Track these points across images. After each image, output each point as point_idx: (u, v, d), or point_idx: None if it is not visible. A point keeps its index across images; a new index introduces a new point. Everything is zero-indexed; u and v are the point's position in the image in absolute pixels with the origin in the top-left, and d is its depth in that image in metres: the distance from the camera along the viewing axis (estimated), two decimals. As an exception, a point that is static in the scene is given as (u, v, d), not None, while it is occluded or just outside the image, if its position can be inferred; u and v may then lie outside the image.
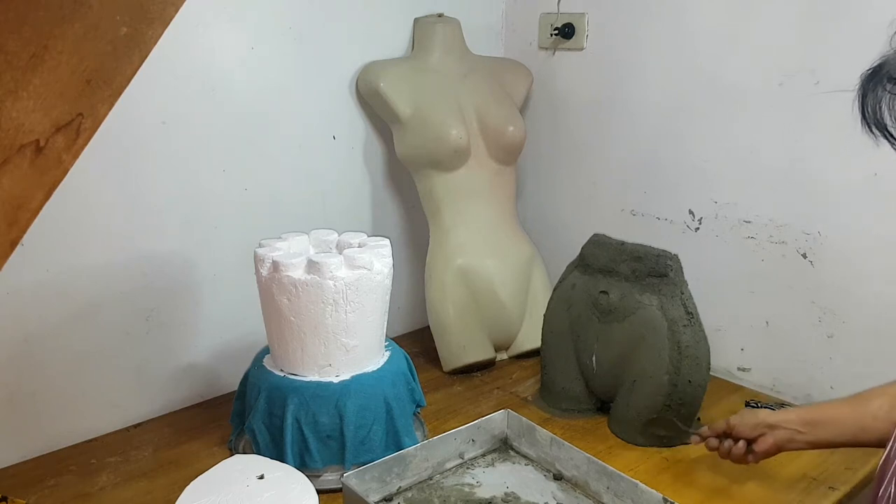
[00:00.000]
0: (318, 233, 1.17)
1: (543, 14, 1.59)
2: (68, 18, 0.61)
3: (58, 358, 1.16)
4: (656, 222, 1.49)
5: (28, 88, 0.61)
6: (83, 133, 0.65)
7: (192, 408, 1.31)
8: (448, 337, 1.42)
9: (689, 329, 1.16)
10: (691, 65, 1.38)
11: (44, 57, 0.61)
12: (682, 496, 1.03)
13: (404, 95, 1.40)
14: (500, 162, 1.49)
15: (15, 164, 0.62)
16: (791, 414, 1.00)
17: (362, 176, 1.51)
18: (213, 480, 0.87)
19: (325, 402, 1.04)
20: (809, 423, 0.97)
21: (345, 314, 1.04)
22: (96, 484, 1.09)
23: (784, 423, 0.98)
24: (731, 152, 1.35)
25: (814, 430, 0.96)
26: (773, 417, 1.00)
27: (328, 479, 1.06)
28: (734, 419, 1.04)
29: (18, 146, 0.62)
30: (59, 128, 0.64)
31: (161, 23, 0.67)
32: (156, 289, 1.25)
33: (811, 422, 0.97)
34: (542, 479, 1.09)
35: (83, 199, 1.13)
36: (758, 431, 1.00)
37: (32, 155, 0.63)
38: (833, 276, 1.26)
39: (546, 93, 1.63)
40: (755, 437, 1.01)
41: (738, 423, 1.02)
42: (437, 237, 1.45)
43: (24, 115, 0.61)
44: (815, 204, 1.26)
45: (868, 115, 0.70)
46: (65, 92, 0.63)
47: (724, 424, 1.05)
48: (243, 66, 1.27)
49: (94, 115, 0.66)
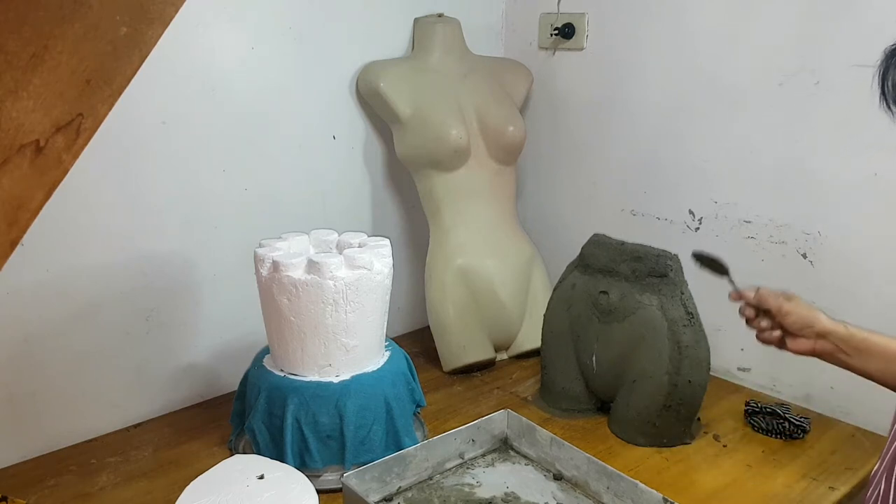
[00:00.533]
0: (318, 233, 1.17)
1: (543, 14, 1.59)
2: (68, 18, 0.61)
3: (58, 358, 1.16)
4: (656, 222, 1.49)
5: (28, 88, 0.61)
6: (83, 133, 0.65)
7: (192, 408, 1.31)
8: (448, 337, 1.42)
9: (689, 329, 1.16)
10: (691, 65, 1.38)
11: (44, 57, 0.61)
12: (682, 496, 1.03)
13: (404, 95, 1.40)
14: (500, 162, 1.49)
15: (15, 164, 0.62)
16: (844, 330, 0.94)
17: (362, 176, 1.51)
18: (213, 480, 0.87)
19: (325, 402, 1.04)
20: (858, 350, 0.92)
21: (345, 314, 1.04)
22: (96, 484, 1.09)
23: (835, 336, 0.94)
24: (730, 152, 1.35)
25: (859, 357, 0.92)
26: (827, 324, 0.95)
27: (328, 479, 1.06)
28: (787, 305, 0.97)
29: (18, 146, 0.62)
30: (59, 128, 0.64)
31: (161, 23, 0.67)
32: (156, 289, 1.25)
33: (861, 349, 0.92)
34: (542, 479, 1.09)
35: (83, 199, 1.13)
36: (804, 333, 0.96)
37: (32, 155, 0.63)
38: (833, 276, 1.26)
39: (546, 93, 1.63)
40: (797, 335, 0.97)
41: (790, 313, 0.97)
42: (437, 237, 1.45)
43: (24, 115, 0.61)
44: (815, 204, 1.26)
45: (888, 90, 0.69)
46: (65, 92, 0.63)
47: (773, 301, 0.98)
48: (243, 66, 1.27)
49: (94, 115, 0.66)
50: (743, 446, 1.19)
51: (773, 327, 0.99)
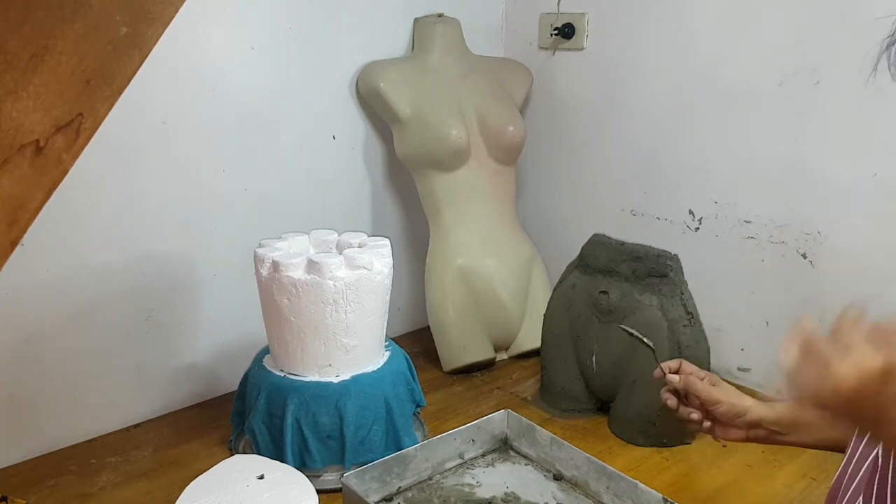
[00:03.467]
0: (318, 233, 1.17)
1: (543, 14, 1.59)
2: (68, 18, 0.61)
3: (58, 358, 1.16)
4: (656, 222, 1.49)
5: (28, 88, 0.61)
6: (83, 133, 0.66)
7: (192, 408, 1.31)
8: (448, 337, 1.42)
9: (689, 329, 1.16)
10: (691, 65, 1.38)
11: (44, 57, 0.61)
12: (682, 496, 1.03)
13: (404, 95, 1.40)
14: (500, 162, 1.49)
15: (15, 164, 0.63)
16: (773, 412, 0.91)
17: (362, 176, 1.51)
18: (213, 480, 0.87)
19: (325, 402, 1.04)
20: (792, 425, 0.90)
21: (345, 314, 1.04)
22: (96, 484, 1.09)
23: (767, 422, 0.91)
24: (730, 152, 1.35)
25: (796, 432, 0.90)
26: (758, 412, 0.91)
27: (328, 479, 1.06)
28: (716, 393, 0.94)
29: (18, 146, 0.62)
30: (59, 128, 0.64)
31: (161, 23, 0.67)
32: (156, 289, 1.25)
33: (795, 423, 0.90)
34: (542, 479, 1.09)
35: (83, 199, 1.13)
36: (735, 423, 0.93)
37: (32, 155, 0.63)
38: (833, 276, 1.26)
39: (546, 93, 1.63)
40: (728, 424, 0.94)
41: (720, 402, 0.93)
42: (437, 237, 1.45)
43: (24, 115, 0.61)
44: (815, 204, 1.26)
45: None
46: (65, 92, 0.63)
47: (702, 388, 0.94)
48: (243, 66, 1.27)
49: (94, 115, 0.66)
50: (743, 446, 1.18)
51: (703, 418, 0.96)
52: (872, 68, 0.70)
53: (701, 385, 0.96)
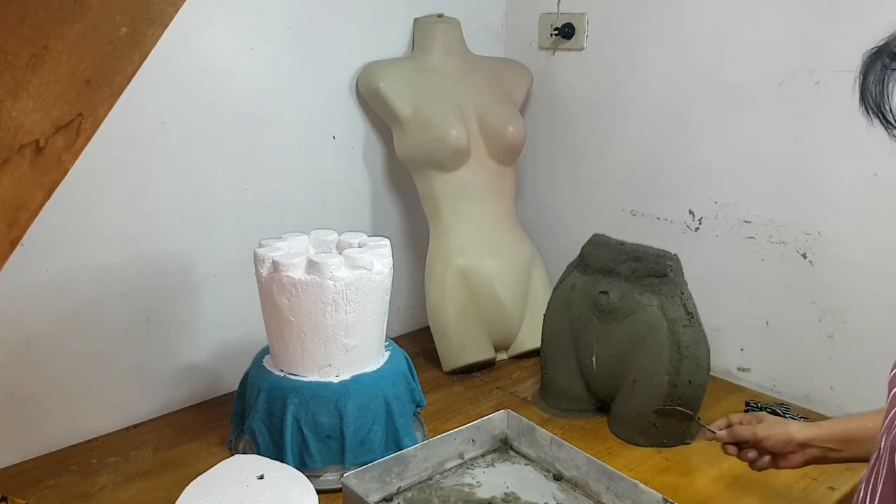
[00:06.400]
0: (318, 233, 1.17)
1: (543, 14, 1.59)
2: (68, 18, 0.61)
3: (58, 358, 1.16)
4: (656, 222, 1.49)
5: (28, 88, 0.61)
6: (83, 133, 0.65)
7: (192, 408, 1.31)
8: (448, 337, 1.42)
9: (689, 329, 1.16)
10: (691, 65, 1.38)
11: (44, 57, 0.61)
12: (681, 496, 1.03)
13: (404, 95, 1.40)
14: (500, 162, 1.49)
15: (15, 164, 0.62)
16: (821, 430, 0.93)
17: (362, 176, 1.51)
18: (213, 480, 0.87)
19: (325, 402, 1.04)
20: (844, 441, 0.91)
21: (345, 314, 1.04)
22: (96, 484, 1.09)
23: (816, 440, 0.93)
24: (730, 152, 1.35)
25: (849, 447, 0.91)
26: (803, 433, 0.93)
27: (328, 479, 1.06)
28: (761, 431, 0.96)
29: (18, 146, 0.62)
30: (59, 128, 0.64)
31: (161, 23, 0.66)
32: (156, 289, 1.25)
33: (846, 439, 0.91)
34: (542, 480, 1.09)
35: (83, 199, 1.13)
36: (789, 449, 0.94)
37: (32, 155, 0.63)
38: (833, 276, 1.26)
39: (546, 93, 1.63)
40: (784, 453, 0.95)
41: (768, 436, 0.95)
42: (437, 237, 1.45)
43: (24, 115, 0.61)
44: (815, 204, 1.26)
45: (869, 96, 0.69)
46: (65, 92, 0.63)
47: (747, 432, 0.97)
48: (243, 66, 1.27)
49: (94, 115, 0.66)
50: (743, 446, 1.19)
51: (760, 454, 0.98)
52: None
53: (744, 429, 0.98)
